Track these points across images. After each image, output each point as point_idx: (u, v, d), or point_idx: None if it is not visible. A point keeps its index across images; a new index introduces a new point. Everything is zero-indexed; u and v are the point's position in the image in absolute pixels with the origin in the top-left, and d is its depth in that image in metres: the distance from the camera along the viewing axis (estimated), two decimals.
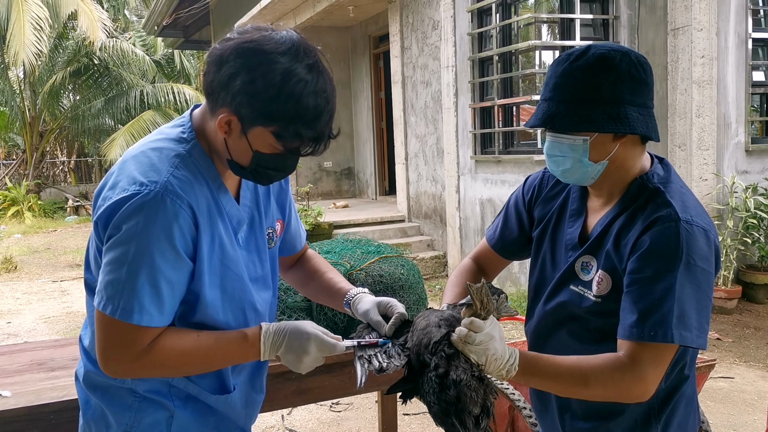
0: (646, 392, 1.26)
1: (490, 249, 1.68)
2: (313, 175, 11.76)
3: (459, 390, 1.21)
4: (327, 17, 9.88)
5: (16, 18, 13.18)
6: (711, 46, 5.43)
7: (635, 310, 1.26)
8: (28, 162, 17.51)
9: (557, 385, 1.31)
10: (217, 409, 1.40)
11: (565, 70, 1.33)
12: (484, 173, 6.98)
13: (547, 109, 1.34)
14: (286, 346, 1.32)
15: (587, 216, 1.46)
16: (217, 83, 1.21)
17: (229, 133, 1.24)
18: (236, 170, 1.29)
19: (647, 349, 1.24)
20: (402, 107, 8.74)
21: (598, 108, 1.29)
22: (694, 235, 1.26)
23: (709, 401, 3.95)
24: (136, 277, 1.18)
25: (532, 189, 1.61)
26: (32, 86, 16.92)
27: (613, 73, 1.30)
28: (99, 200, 1.24)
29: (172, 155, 1.25)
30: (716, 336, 5.05)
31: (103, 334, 1.22)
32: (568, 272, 1.44)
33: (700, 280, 1.25)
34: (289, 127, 1.20)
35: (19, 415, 1.77)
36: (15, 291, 7.94)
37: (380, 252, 2.43)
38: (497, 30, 6.62)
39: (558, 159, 1.37)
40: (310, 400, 2.25)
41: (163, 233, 1.19)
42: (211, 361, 1.30)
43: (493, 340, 1.24)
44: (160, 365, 1.25)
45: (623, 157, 1.36)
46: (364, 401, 4.10)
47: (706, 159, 5.53)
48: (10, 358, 2.20)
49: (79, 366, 1.44)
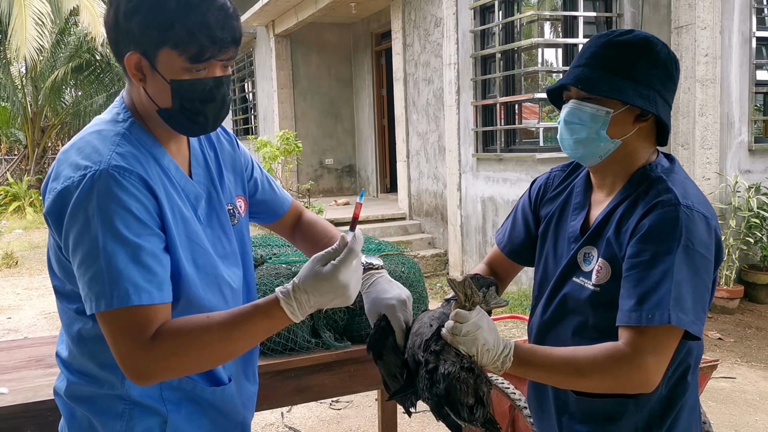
0: (647, 381, 1.22)
1: (500, 253, 1.67)
2: (314, 172, 11.75)
3: (448, 383, 1.20)
4: (329, 14, 9.86)
5: (18, 13, 13.16)
6: (715, 44, 5.41)
7: (633, 294, 1.24)
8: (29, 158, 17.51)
9: (555, 376, 1.28)
10: (211, 409, 1.35)
11: (606, 43, 1.35)
12: (486, 171, 6.96)
13: (581, 72, 1.35)
14: (319, 299, 1.17)
15: (590, 209, 1.46)
16: (113, 33, 1.21)
17: (144, 79, 1.21)
18: (169, 120, 1.24)
19: (646, 336, 1.22)
20: (404, 104, 8.72)
21: (631, 84, 1.32)
22: (694, 221, 1.25)
23: (711, 402, 3.93)
24: (116, 259, 1.11)
25: (538, 189, 1.61)
26: (34, 82, 16.91)
27: (651, 57, 1.33)
28: (46, 194, 1.19)
29: (111, 135, 1.21)
30: (718, 336, 5.03)
31: (112, 336, 1.13)
32: (570, 264, 1.43)
33: (698, 265, 1.24)
34: (183, 33, 1.16)
35: (17, 411, 1.76)
36: (15, 287, 7.93)
37: (381, 250, 2.41)
38: (500, 27, 6.60)
39: (575, 126, 1.37)
40: (310, 398, 2.24)
41: (122, 208, 1.13)
42: (231, 341, 1.16)
43: (481, 329, 1.22)
44: (173, 352, 1.13)
45: (635, 144, 1.37)
46: (363, 399, 4.09)
47: (709, 158, 5.51)
48: (8, 354, 2.19)
49: (58, 381, 1.36)
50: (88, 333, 1.25)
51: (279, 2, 9.87)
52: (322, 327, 2.18)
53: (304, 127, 11.64)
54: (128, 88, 1.30)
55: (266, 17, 11.03)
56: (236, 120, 14.85)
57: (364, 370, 2.21)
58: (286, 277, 2.18)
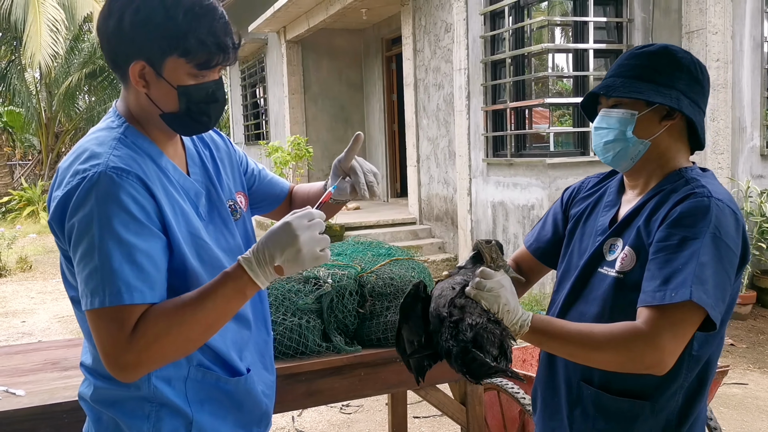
0: (660, 362, 1.24)
1: (527, 251, 1.70)
2: (324, 176, 11.77)
3: (476, 332, 1.27)
4: (340, 20, 9.91)
5: (33, 20, 13.32)
6: (726, 49, 5.39)
7: (659, 276, 1.27)
8: (43, 162, 17.68)
9: (569, 347, 1.30)
10: (234, 402, 1.37)
11: (630, 54, 1.45)
12: (496, 176, 6.96)
13: (607, 82, 1.44)
14: (272, 251, 1.19)
15: (620, 207, 1.49)
16: (114, 42, 1.24)
17: (148, 85, 1.25)
18: (172, 123, 1.29)
19: (665, 316, 1.24)
20: (414, 110, 8.74)
21: (652, 85, 1.39)
22: (725, 213, 1.29)
23: (723, 408, 3.91)
24: (111, 259, 1.14)
25: (571, 192, 1.66)
26: (48, 88, 17.08)
27: (674, 62, 1.40)
28: (50, 202, 1.23)
29: (108, 139, 1.25)
30: (730, 342, 5.00)
31: (97, 333, 1.15)
32: (595, 255, 1.46)
33: (723, 255, 1.26)
34: (191, 40, 1.21)
35: (33, 413, 1.79)
36: (30, 290, 8.01)
37: (391, 254, 2.43)
38: (510, 33, 6.61)
39: (603, 131, 1.44)
40: (321, 402, 2.26)
41: (120, 208, 1.16)
42: (204, 311, 1.17)
43: (504, 289, 1.30)
44: (154, 338, 1.14)
45: (666, 144, 1.42)
46: (374, 403, 4.10)
47: (721, 163, 5.49)
48: (24, 357, 2.23)
49: (83, 387, 1.38)
50: None
51: (290, 9, 9.93)
52: (333, 331, 2.20)
53: (315, 132, 11.68)
54: (123, 94, 1.34)
55: (278, 23, 11.10)
56: (247, 125, 14.91)
57: (374, 374, 2.23)
58: (297, 280, 2.20)
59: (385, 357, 2.22)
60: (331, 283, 2.18)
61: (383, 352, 2.21)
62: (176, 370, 1.31)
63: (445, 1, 7.72)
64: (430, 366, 1.41)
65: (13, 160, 20.92)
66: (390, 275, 2.29)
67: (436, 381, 2.37)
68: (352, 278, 2.25)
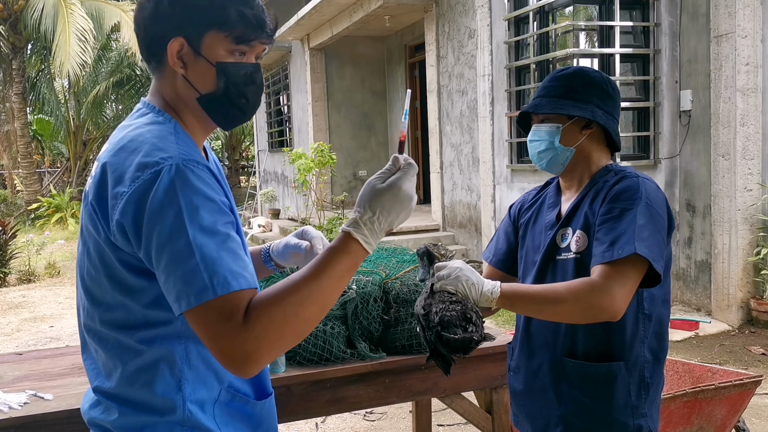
0: (611, 307, 1.46)
1: (490, 266, 1.90)
2: (347, 183, 11.81)
3: (441, 316, 1.43)
4: (363, 27, 9.94)
5: (62, 30, 13.58)
6: (756, 53, 5.30)
7: (606, 240, 1.52)
8: (71, 170, 17.99)
9: (536, 305, 1.55)
10: (255, 425, 1.35)
11: (553, 77, 1.73)
12: (521, 182, 6.91)
13: (535, 102, 1.72)
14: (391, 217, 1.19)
15: (561, 205, 1.75)
16: (151, 24, 1.23)
17: (185, 66, 1.23)
18: (209, 106, 1.26)
19: (615, 269, 1.48)
20: (437, 116, 8.73)
21: (571, 102, 1.67)
22: (652, 188, 1.58)
23: (755, 418, 3.82)
24: (209, 249, 1.09)
25: (517, 207, 1.89)
26: (76, 96, 17.40)
27: (587, 81, 1.69)
28: (109, 202, 1.15)
29: (165, 132, 1.21)
30: (761, 351, 4.89)
31: (209, 330, 1.09)
32: (550, 246, 1.69)
33: (656, 220, 1.53)
34: (231, 11, 1.20)
35: (60, 418, 1.80)
36: (58, 296, 8.13)
37: (415, 261, 2.42)
38: (534, 38, 6.57)
39: (536, 143, 1.71)
40: (345, 409, 2.25)
41: (205, 198, 1.13)
42: (320, 289, 1.13)
43: (461, 269, 1.50)
44: (270, 321, 1.09)
45: (588, 149, 1.69)
46: (398, 411, 4.08)
47: (751, 168, 5.39)
48: (52, 362, 2.25)
49: (97, 412, 1.30)
50: (145, 361, 1.23)
51: (314, 16, 9.99)
52: (357, 338, 2.19)
53: (338, 139, 11.71)
54: (155, 87, 1.30)
55: (301, 31, 11.18)
56: (271, 132, 15.02)
57: (399, 381, 2.21)
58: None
59: (410, 364, 2.20)
60: (355, 289, 2.18)
61: (408, 359, 2.19)
62: (208, 393, 1.27)
63: (468, 7, 7.71)
64: (452, 362, 1.54)
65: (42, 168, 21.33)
66: (415, 282, 2.28)
67: (461, 388, 2.34)
68: (377, 285, 2.24)
